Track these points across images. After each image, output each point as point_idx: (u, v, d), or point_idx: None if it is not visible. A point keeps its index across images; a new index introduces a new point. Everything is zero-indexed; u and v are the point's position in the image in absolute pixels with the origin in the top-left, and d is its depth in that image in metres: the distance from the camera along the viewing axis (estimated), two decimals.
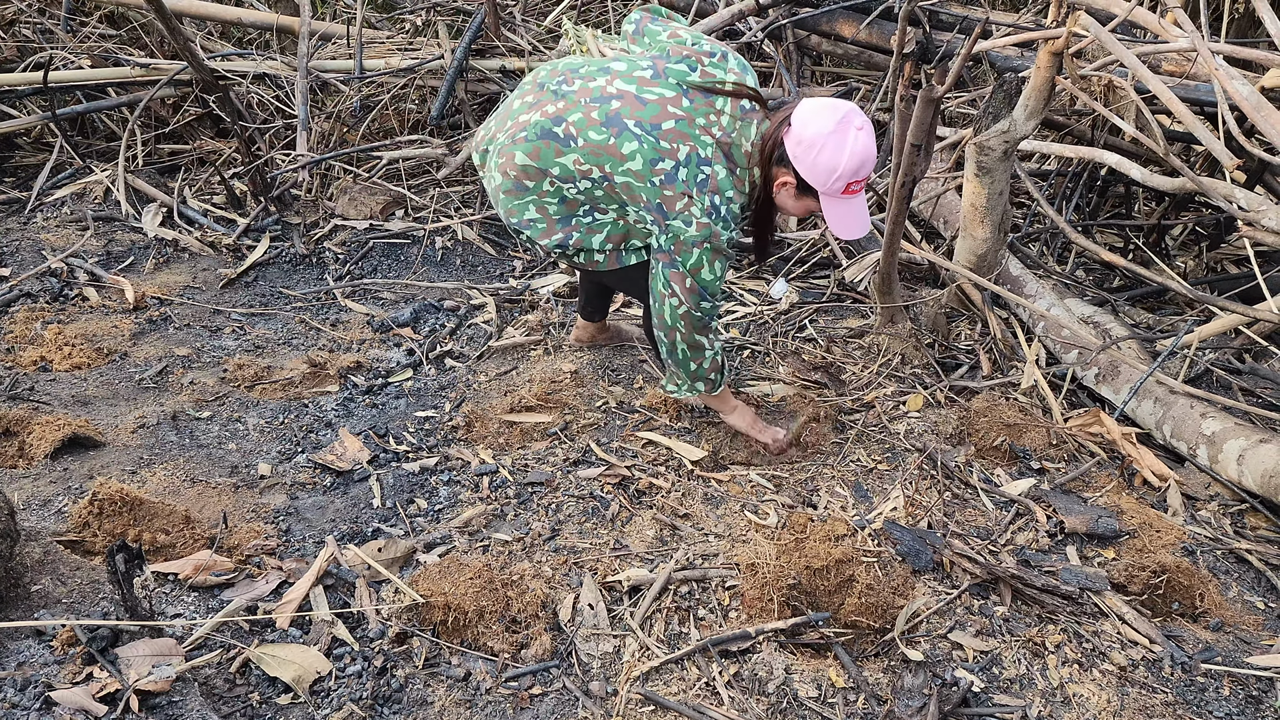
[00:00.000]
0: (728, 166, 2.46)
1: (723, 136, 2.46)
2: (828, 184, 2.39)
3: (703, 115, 2.46)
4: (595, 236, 2.60)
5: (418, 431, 2.94)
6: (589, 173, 2.50)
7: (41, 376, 3.09)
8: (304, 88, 4.56)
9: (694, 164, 2.44)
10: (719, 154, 2.46)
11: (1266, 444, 2.70)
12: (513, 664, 2.10)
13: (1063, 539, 2.60)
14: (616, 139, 2.45)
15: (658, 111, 2.46)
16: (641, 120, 2.45)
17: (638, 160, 2.45)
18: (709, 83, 2.48)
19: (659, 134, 2.44)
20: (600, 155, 2.47)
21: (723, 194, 2.46)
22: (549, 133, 2.51)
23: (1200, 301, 3.26)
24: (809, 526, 2.42)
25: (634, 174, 2.46)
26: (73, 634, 1.97)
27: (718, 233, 2.47)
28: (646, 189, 2.47)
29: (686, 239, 2.47)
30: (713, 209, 2.45)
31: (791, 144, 2.39)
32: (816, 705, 2.03)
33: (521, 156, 2.54)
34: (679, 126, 2.44)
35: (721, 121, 2.47)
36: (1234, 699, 2.16)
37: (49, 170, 4.56)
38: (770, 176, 2.49)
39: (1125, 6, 3.08)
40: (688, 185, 2.44)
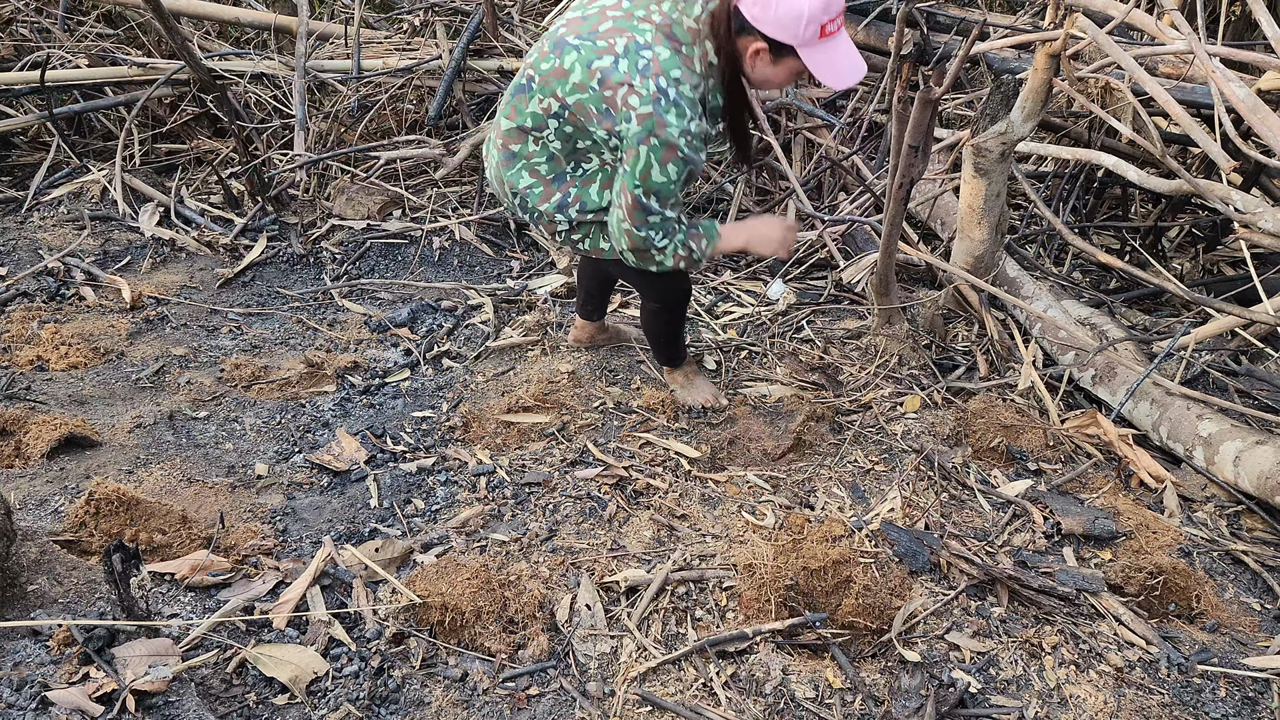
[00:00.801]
0: (671, 46, 2.29)
1: (662, 20, 2.31)
2: (800, 33, 2.20)
3: (641, 8, 2.33)
4: (590, 188, 2.51)
5: (415, 432, 2.94)
6: (549, 108, 2.40)
7: (38, 376, 3.09)
8: (301, 87, 4.56)
9: (633, 52, 2.27)
10: (659, 36, 2.29)
11: (1263, 446, 2.71)
12: (510, 664, 2.10)
13: (1059, 540, 2.61)
14: (559, 58, 2.35)
15: (596, 19, 2.35)
16: (580, 32, 2.35)
17: (577, 70, 2.32)
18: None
19: (596, 37, 2.32)
20: (550, 83, 2.37)
21: (668, 74, 2.26)
22: (517, 86, 2.48)
23: (1197, 303, 3.26)
24: (806, 527, 2.42)
25: (577, 86, 2.33)
26: (69, 634, 1.97)
27: (663, 121, 2.25)
28: (590, 98, 2.32)
29: (630, 137, 2.29)
30: (659, 93, 2.25)
31: (747, 6, 2.23)
32: (814, 706, 2.03)
33: (505, 122, 2.52)
34: (616, 24, 2.31)
35: (662, 7, 2.32)
36: (1230, 700, 2.16)
37: (46, 169, 4.55)
38: (735, 52, 2.31)
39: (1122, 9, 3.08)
40: (628, 75, 2.26)
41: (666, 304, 2.87)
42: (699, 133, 2.30)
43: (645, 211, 2.37)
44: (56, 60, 4.70)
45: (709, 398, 3.04)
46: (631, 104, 2.26)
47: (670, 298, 2.84)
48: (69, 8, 5.06)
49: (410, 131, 4.73)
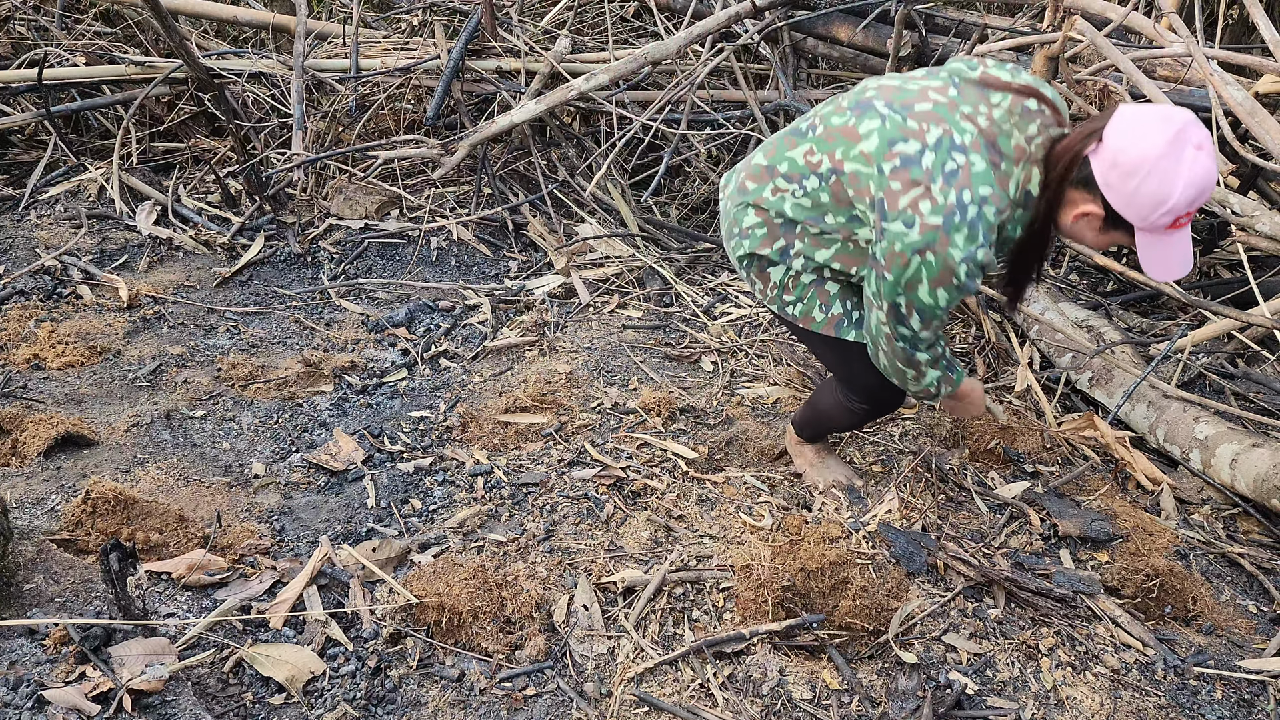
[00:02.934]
0: (989, 158, 1.95)
1: (988, 126, 1.97)
2: (1151, 218, 1.85)
3: (969, 104, 1.99)
4: (821, 251, 2.21)
5: (412, 432, 2.93)
6: (818, 165, 2.12)
7: (35, 375, 3.08)
8: (300, 87, 4.56)
9: (944, 149, 1.95)
10: (979, 142, 1.95)
11: (1259, 448, 2.71)
12: (507, 665, 2.10)
13: (1056, 542, 2.61)
14: (857, 119, 2.06)
15: (915, 94, 2.02)
16: (892, 101, 2.03)
17: (873, 140, 2.01)
18: (989, 79, 2.03)
19: (908, 114, 2.00)
20: (834, 140, 2.09)
21: (975, 190, 1.93)
22: (795, 130, 2.22)
23: (1194, 306, 3.27)
24: (803, 528, 2.42)
25: (865, 157, 2.03)
26: (65, 633, 1.97)
27: (948, 240, 1.93)
28: (874, 177, 2.01)
29: (904, 245, 1.97)
30: (956, 209, 1.92)
31: (1103, 166, 1.86)
32: (811, 707, 2.04)
33: (759, 157, 2.26)
34: (936, 109, 1.98)
35: (993, 113, 1.98)
36: (1226, 702, 2.17)
37: (43, 167, 4.55)
38: (1060, 199, 1.97)
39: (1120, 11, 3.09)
40: (929, 174, 1.94)
41: (866, 408, 2.50)
42: (983, 262, 1.97)
43: (898, 323, 2.09)
44: (54, 58, 4.70)
45: (843, 478, 2.70)
46: (921, 209, 1.95)
47: (873, 403, 2.48)
48: (66, 6, 5.05)
49: (408, 131, 4.72)
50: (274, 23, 4.94)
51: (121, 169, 4.49)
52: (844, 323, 2.31)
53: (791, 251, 2.25)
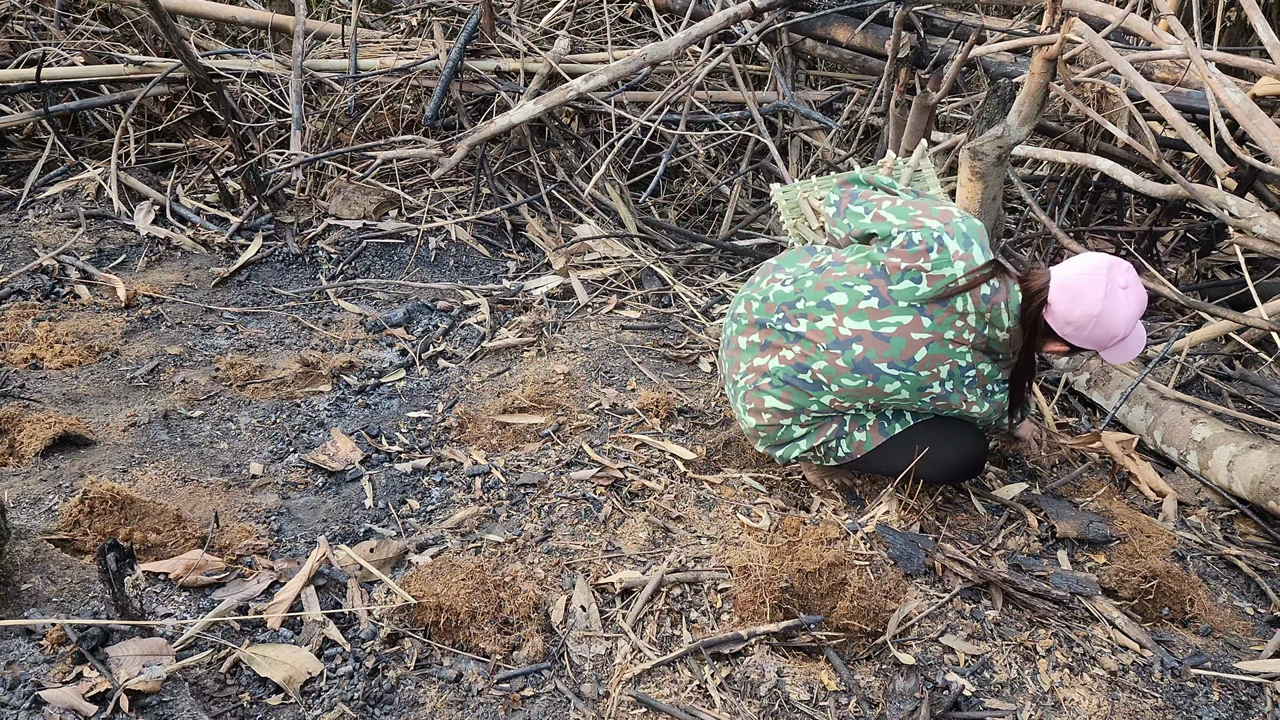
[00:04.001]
0: (991, 360, 2.40)
1: (976, 339, 2.37)
2: (1108, 344, 2.33)
3: (948, 328, 2.35)
4: (858, 432, 2.54)
5: (410, 432, 2.93)
6: (851, 407, 2.48)
7: (32, 374, 3.08)
8: (298, 86, 4.55)
9: (958, 375, 2.39)
10: (979, 355, 2.39)
11: (1256, 450, 2.72)
12: (505, 666, 2.10)
13: (1054, 544, 2.61)
14: (875, 382, 2.40)
15: (904, 345, 2.36)
16: (894, 360, 2.37)
17: (904, 393, 2.40)
18: (940, 288, 2.34)
19: (915, 366, 2.37)
20: (862, 394, 2.44)
21: (994, 380, 2.44)
22: (795, 379, 2.47)
23: (1191, 308, 3.27)
24: (801, 529, 2.42)
25: (903, 400, 2.43)
26: (63, 633, 1.96)
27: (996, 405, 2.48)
28: (922, 404, 2.45)
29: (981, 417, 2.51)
30: (986, 395, 2.44)
31: (1058, 324, 2.31)
32: (808, 708, 2.04)
33: (773, 401, 2.51)
34: (931, 351, 2.36)
35: (969, 323, 2.35)
36: (1223, 704, 2.17)
37: (41, 167, 4.54)
38: (1036, 344, 2.41)
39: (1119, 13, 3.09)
40: (962, 393, 2.41)
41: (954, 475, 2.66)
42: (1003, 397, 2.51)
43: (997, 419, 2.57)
44: (52, 58, 4.69)
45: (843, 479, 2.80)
46: (970, 401, 2.44)
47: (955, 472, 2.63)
48: (65, 5, 5.04)
49: (407, 131, 4.72)
50: (273, 22, 4.93)
51: (119, 168, 4.49)
52: (884, 424, 2.52)
53: (846, 426, 2.53)
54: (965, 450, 2.54)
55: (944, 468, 2.54)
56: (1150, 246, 4.35)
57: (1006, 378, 2.47)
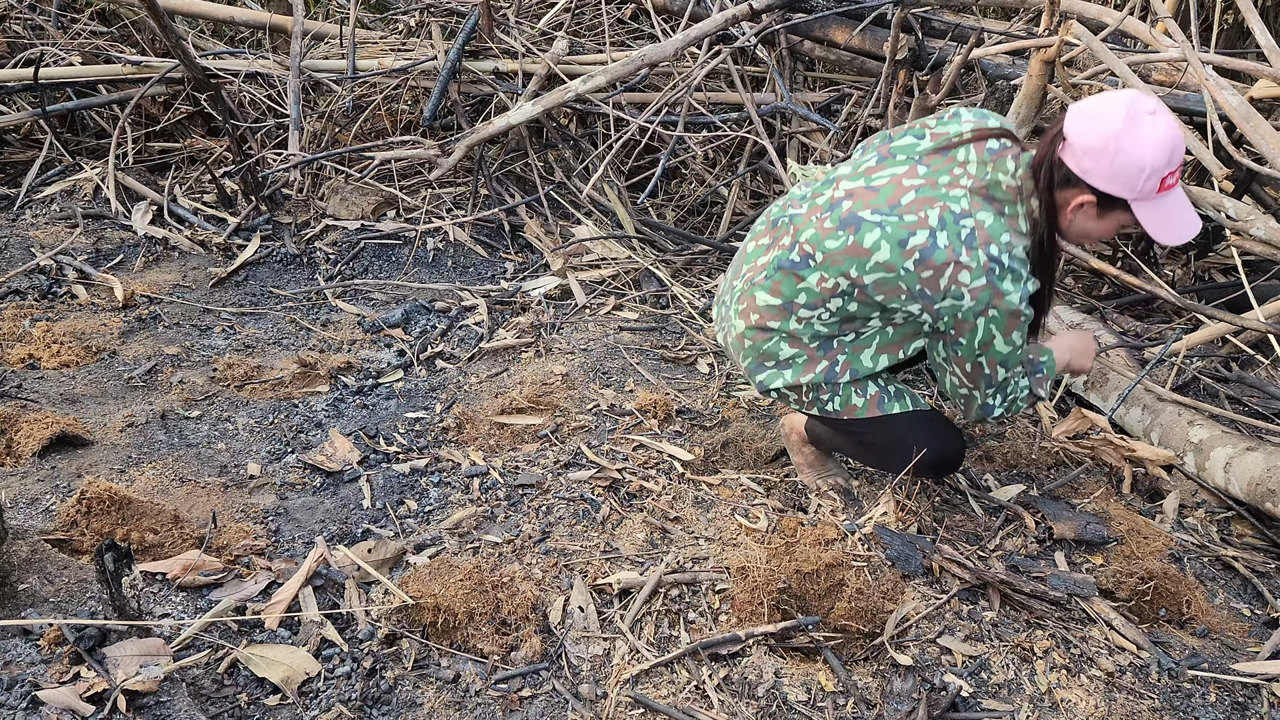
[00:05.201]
0: (993, 209, 2.08)
1: (975, 184, 2.09)
2: (1139, 186, 1.98)
3: (945, 174, 2.11)
4: (864, 353, 2.29)
5: (408, 433, 2.93)
6: (835, 288, 2.20)
7: (30, 374, 3.08)
8: (296, 87, 4.55)
9: (950, 223, 2.06)
10: (977, 201, 2.08)
11: (1253, 452, 2.72)
12: (502, 666, 2.10)
13: (1051, 545, 2.61)
14: (855, 235, 2.13)
15: (893, 191, 2.12)
16: (878, 206, 2.12)
17: (884, 249, 2.10)
18: (942, 141, 2.13)
19: (899, 210, 2.10)
20: (842, 261, 2.16)
21: (998, 240, 2.06)
22: (787, 262, 2.27)
23: (1188, 310, 3.28)
24: (799, 531, 2.42)
25: (884, 266, 2.11)
26: (60, 633, 1.96)
27: (1001, 291, 2.06)
28: (902, 277, 2.11)
29: (965, 313, 2.09)
30: (990, 263, 2.05)
31: (1075, 157, 2.01)
32: (806, 709, 2.04)
33: (764, 296, 2.31)
34: (920, 194, 2.09)
35: (969, 170, 2.10)
36: (1220, 705, 2.17)
37: (38, 167, 4.54)
38: (1056, 205, 2.09)
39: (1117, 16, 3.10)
40: (951, 250, 2.05)
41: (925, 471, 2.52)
42: (1033, 289, 2.12)
43: (989, 382, 2.22)
44: (50, 58, 4.69)
45: (839, 481, 2.72)
46: (963, 280, 2.05)
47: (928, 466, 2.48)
48: (63, 5, 5.04)
49: (405, 132, 4.72)
50: (271, 23, 4.93)
51: (117, 168, 4.49)
52: (885, 398, 2.38)
53: (837, 370, 2.32)
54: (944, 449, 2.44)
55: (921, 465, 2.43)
56: (1147, 249, 4.35)
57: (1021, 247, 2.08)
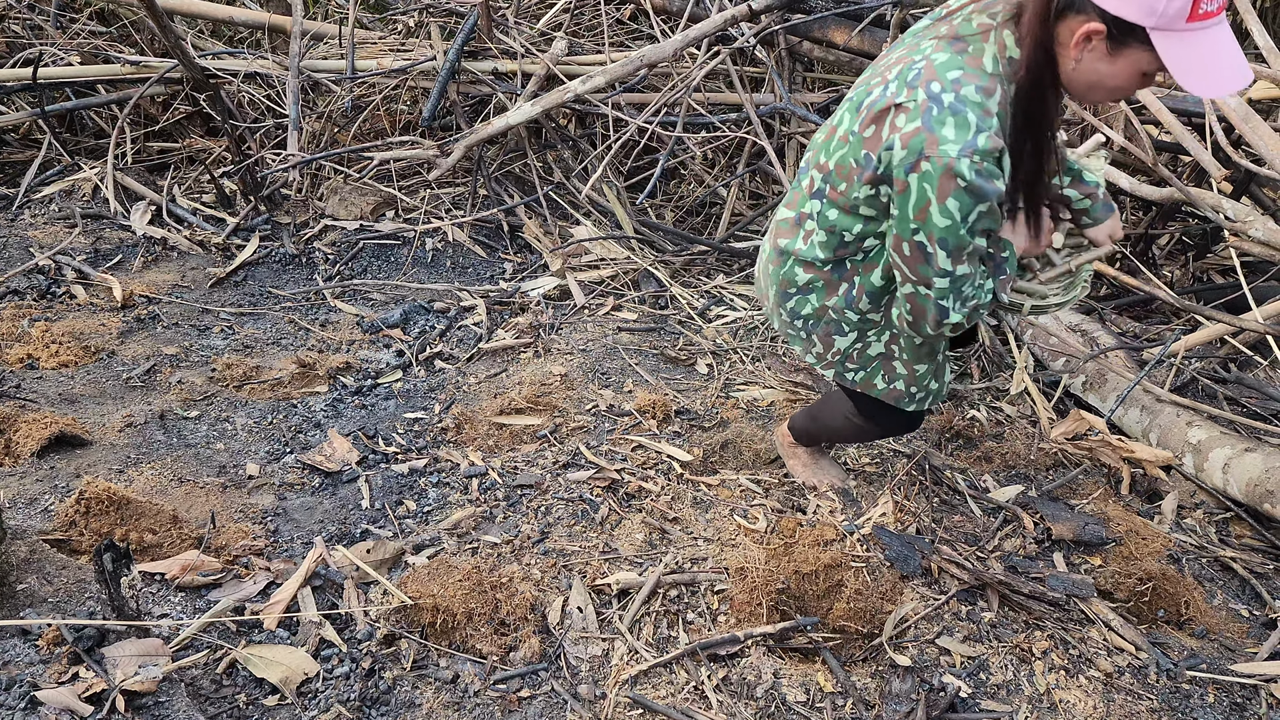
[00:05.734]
0: (953, 48, 1.70)
1: (948, 31, 1.74)
2: (1160, 8, 1.52)
3: (929, 35, 1.78)
4: (874, 273, 2.01)
5: (407, 433, 2.93)
6: (812, 184, 1.98)
7: (28, 374, 3.07)
8: (295, 87, 4.55)
9: (903, 74, 1.73)
10: (940, 44, 1.72)
11: (1251, 453, 2.72)
12: (501, 666, 2.10)
13: (1050, 546, 2.62)
14: (832, 120, 1.93)
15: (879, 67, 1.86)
16: (859, 83, 1.90)
17: (845, 120, 1.85)
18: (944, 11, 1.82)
19: (872, 76, 1.84)
20: (817, 150, 1.96)
21: (943, 77, 1.67)
22: (801, 172, 2.08)
23: (1187, 311, 3.28)
24: (798, 531, 2.43)
25: (842, 140, 1.85)
26: (59, 633, 1.96)
27: (935, 137, 1.66)
28: (852, 146, 1.82)
29: (897, 170, 1.73)
30: (931, 101, 1.66)
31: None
32: (804, 710, 2.04)
33: (781, 211, 2.14)
34: (899, 57, 1.80)
35: (952, 21, 1.76)
36: (1218, 706, 2.17)
37: (37, 167, 4.53)
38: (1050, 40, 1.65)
39: None
40: (893, 95, 1.72)
41: (877, 430, 2.45)
42: (990, 150, 1.66)
43: (931, 269, 1.80)
44: (49, 57, 4.69)
45: (836, 480, 2.71)
46: (898, 124, 1.71)
47: (884, 426, 2.43)
48: (61, 5, 5.03)
49: (404, 132, 4.72)
50: (270, 23, 4.93)
51: (116, 168, 4.48)
52: (905, 398, 2.25)
53: (854, 295, 2.06)
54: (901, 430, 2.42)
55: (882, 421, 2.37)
56: (1146, 250, 4.36)
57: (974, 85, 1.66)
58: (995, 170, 1.69)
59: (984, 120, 1.66)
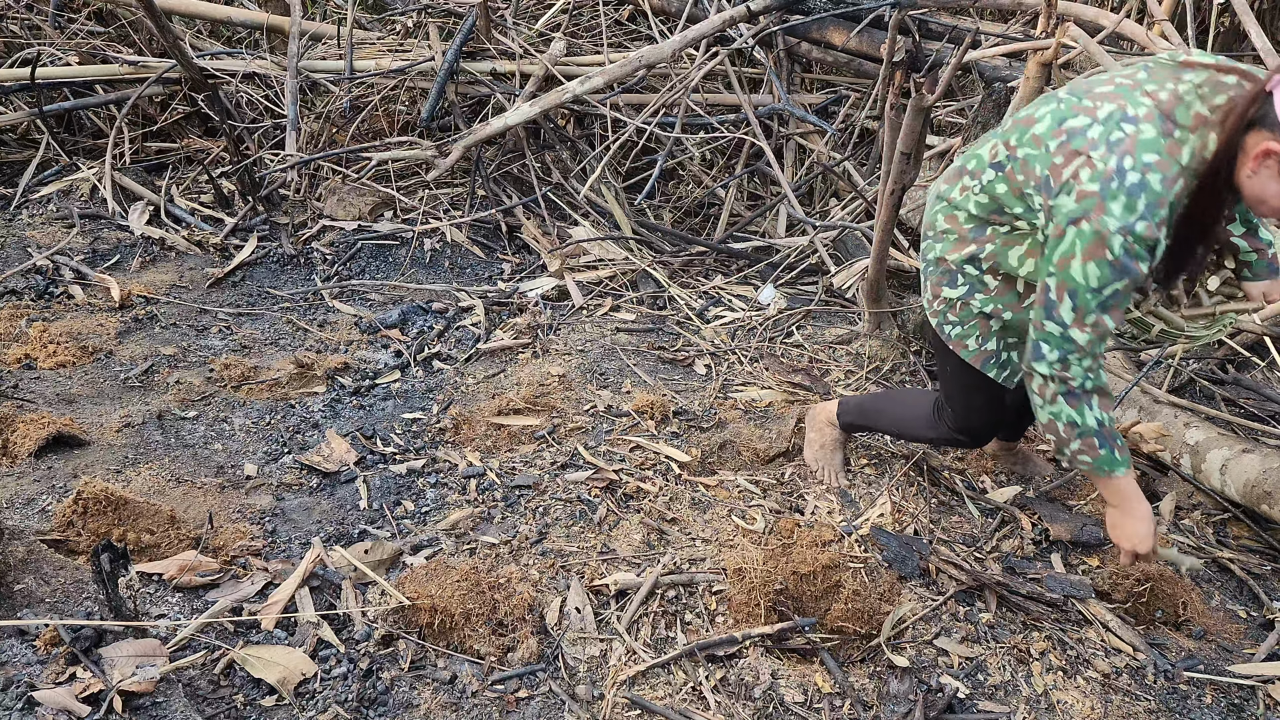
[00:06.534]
0: (1161, 128, 1.76)
1: (1169, 99, 1.78)
2: None
3: (1155, 83, 1.81)
4: (1013, 249, 2.06)
5: (405, 433, 2.93)
6: (995, 156, 2.01)
7: (26, 374, 3.07)
8: (294, 88, 4.55)
9: (1113, 121, 1.79)
10: (1153, 114, 1.77)
11: (1249, 454, 2.73)
12: (499, 667, 2.10)
13: (1047, 546, 2.62)
14: (1037, 109, 1.95)
15: (1102, 80, 1.88)
16: (1075, 87, 1.91)
17: (1045, 121, 1.90)
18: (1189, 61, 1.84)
19: (1086, 94, 1.87)
20: (1012, 130, 1.98)
21: (1138, 156, 1.74)
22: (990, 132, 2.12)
23: None
24: (796, 532, 2.43)
25: (1035, 139, 1.90)
26: (56, 634, 1.96)
27: (1103, 207, 1.75)
28: (1040, 156, 1.88)
29: (1062, 217, 1.83)
30: (1115, 174, 1.75)
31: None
32: (802, 710, 2.04)
33: (958, 160, 2.17)
34: (1117, 90, 1.83)
35: (1179, 89, 1.79)
36: (1216, 707, 2.17)
37: (35, 167, 4.53)
38: (1235, 147, 1.73)
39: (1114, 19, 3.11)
40: (1092, 143, 1.79)
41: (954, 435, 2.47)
42: (1145, 237, 1.76)
43: (1047, 311, 1.91)
44: (47, 57, 4.68)
45: (838, 478, 2.75)
46: (1080, 176, 1.80)
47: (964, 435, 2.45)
48: (60, 5, 5.03)
49: (402, 133, 4.72)
50: (268, 23, 4.93)
51: (114, 169, 4.48)
52: (991, 360, 2.24)
53: (980, 256, 2.11)
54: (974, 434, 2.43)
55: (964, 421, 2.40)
56: None
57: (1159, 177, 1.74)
58: (1144, 254, 1.78)
59: (1152, 210, 1.75)
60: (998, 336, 2.22)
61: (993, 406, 2.38)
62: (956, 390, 2.40)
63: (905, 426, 2.62)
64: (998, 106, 3.17)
